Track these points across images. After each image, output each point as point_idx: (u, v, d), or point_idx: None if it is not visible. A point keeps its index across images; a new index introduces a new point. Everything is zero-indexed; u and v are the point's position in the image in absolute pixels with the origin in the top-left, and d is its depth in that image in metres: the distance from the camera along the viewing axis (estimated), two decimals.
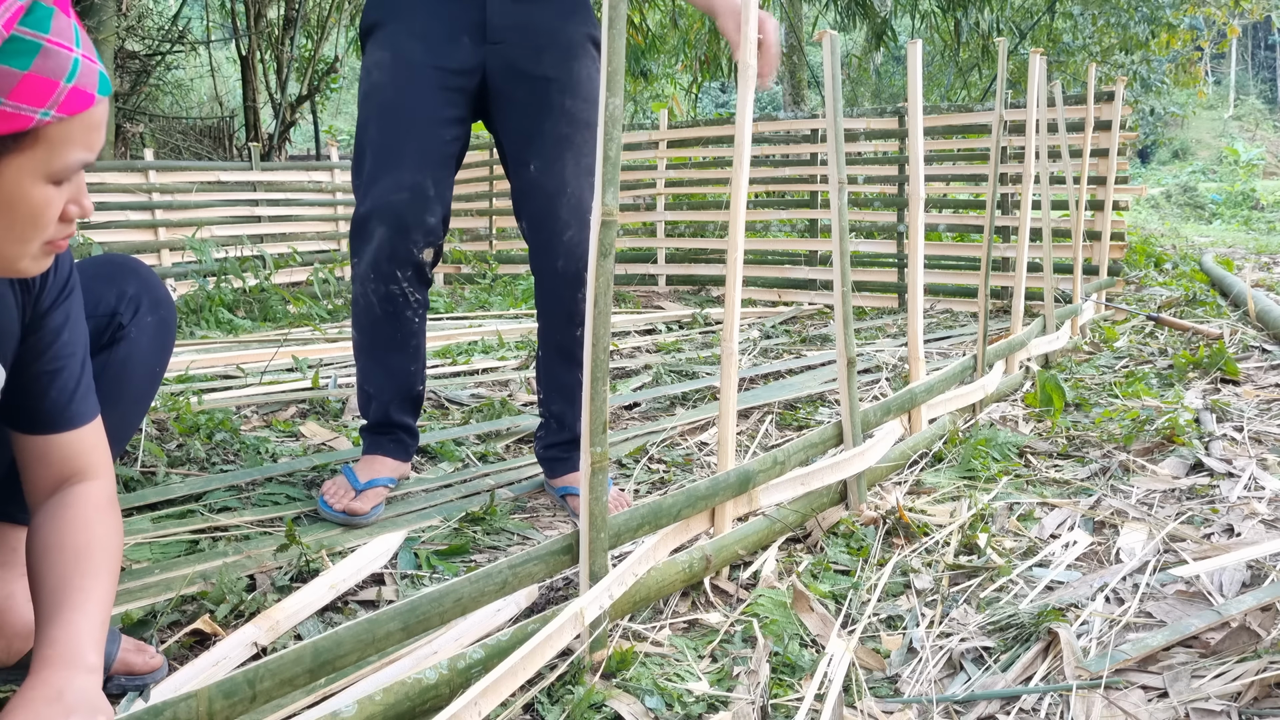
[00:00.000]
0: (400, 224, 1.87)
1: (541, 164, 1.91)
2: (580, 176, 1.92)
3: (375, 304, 1.95)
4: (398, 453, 2.09)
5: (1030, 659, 1.39)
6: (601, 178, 1.28)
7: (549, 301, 2.00)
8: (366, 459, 2.06)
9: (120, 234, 5.36)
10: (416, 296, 1.97)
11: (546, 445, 2.13)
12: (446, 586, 1.26)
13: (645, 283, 6.10)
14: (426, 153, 1.88)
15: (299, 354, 3.52)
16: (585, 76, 1.92)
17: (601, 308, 1.30)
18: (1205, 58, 18.32)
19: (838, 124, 1.92)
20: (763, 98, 22.08)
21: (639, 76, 9.81)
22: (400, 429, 2.09)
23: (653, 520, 1.52)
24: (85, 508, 1.14)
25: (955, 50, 10.06)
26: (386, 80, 1.90)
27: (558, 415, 2.08)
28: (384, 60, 1.91)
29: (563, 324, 1.99)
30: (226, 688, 1.04)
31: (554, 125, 1.90)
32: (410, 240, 1.89)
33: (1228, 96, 30.71)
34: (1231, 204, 16.49)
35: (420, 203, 1.88)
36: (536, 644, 1.26)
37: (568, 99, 1.89)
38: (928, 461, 2.35)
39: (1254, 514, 1.93)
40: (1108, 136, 4.78)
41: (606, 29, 1.26)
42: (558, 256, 1.92)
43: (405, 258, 1.90)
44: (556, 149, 1.90)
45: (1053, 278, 3.49)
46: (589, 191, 1.90)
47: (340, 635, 1.14)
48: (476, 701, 1.16)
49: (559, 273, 1.94)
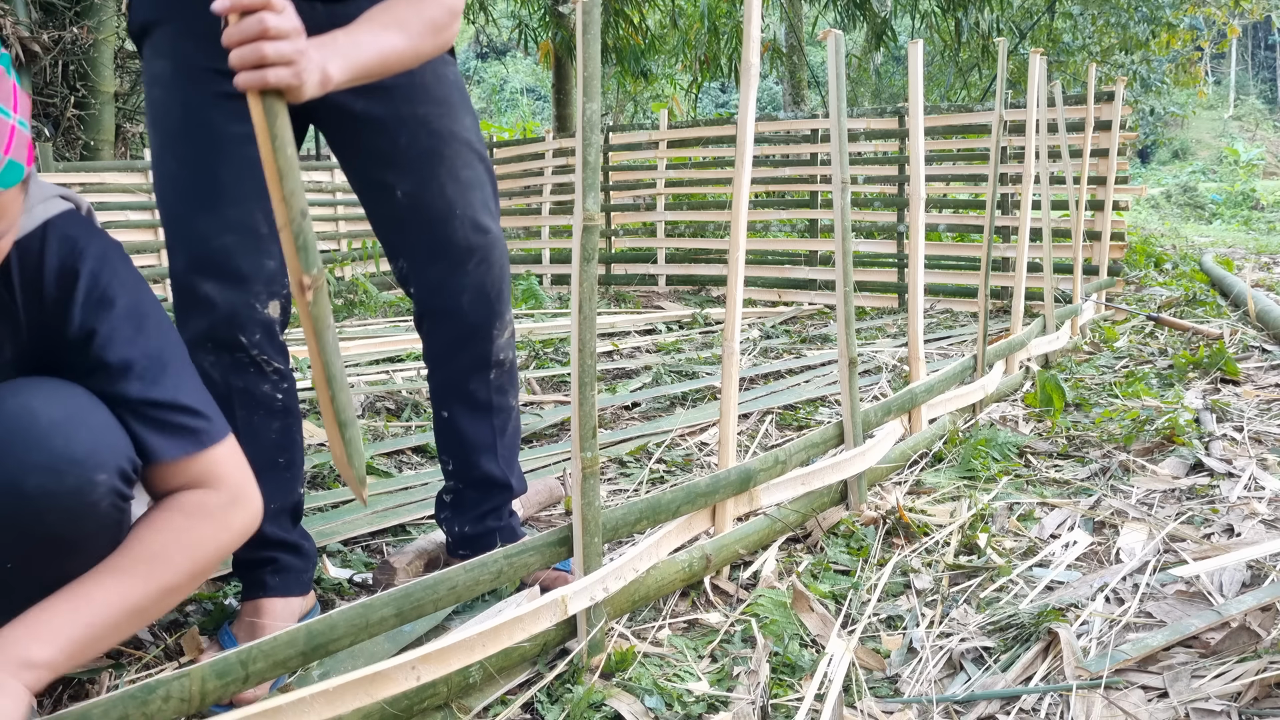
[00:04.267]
0: (233, 276, 1.43)
1: (411, 187, 1.54)
2: (466, 193, 1.56)
3: (219, 382, 1.45)
4: (289, 587, 1.55)
5: (1030, 659, 1.39)
6: (582, 182, 1.28)
7: (455, 348, 1.61)
8: (248, 610, 1.53)
9: (120, 234, 5.35)
10: (273, 366, 1.50)
11: (478, 516, 1.69)
12: (440, 574, 1.26)
13: (645, 283, 6.10)
14: (243, 179, 1.43)
15: (298, 354, 3.51)
16: (433, 78, 1.54)
17: (586, 313, 1.30)
18: (1205, 58, 18.34)
19: (841, 124, 1.92)
20: (763, 98, 22.10)
21: (639, 76, 9.81)
22: (280, 549, 1.54)
23: (651, 515, 1.52)
24: (162, 511, 1.11)
25: (955, 50, 10.06)
26: (173, 98, 1.46)
27: (482, 479, 1.67)
28: (164, 73, 1.47)
29: (475, 370, 1.62)
30: (219, 667, 1.04)
31: (411, 139, 1.53)
32: (250, 294, 1.44)
33: (1228, 96, 30.72)
34: (1231, 204, 16.50)
35: (252, 244, 1.44)
36: (503, 622, 1.26)
37: (418, 107, 1.53)
38: (928, 461, 2.35)
39: (1254, 514, 1.93)
40: (1108, 136, 4.78)
41: (581, 35, 1.27)
42: (462, 292, 1.57)
43: (247, 318, 1.45)
44: (425, 167, 1.54)
45: (1053, 278, 3.50)
46: (482, 209, 1.57)
47: (334, 619, 1.14)
48: (415, 665, 1.15)
49: (467, 311, 1.58)
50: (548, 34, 9.29)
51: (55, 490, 1.03)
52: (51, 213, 1.12)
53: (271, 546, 1.52)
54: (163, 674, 1.01)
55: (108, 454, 1.06)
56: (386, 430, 2.75)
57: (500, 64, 29.42)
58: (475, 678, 1.28)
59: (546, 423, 2.82)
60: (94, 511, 1.05)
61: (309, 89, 1.10)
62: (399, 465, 2.46)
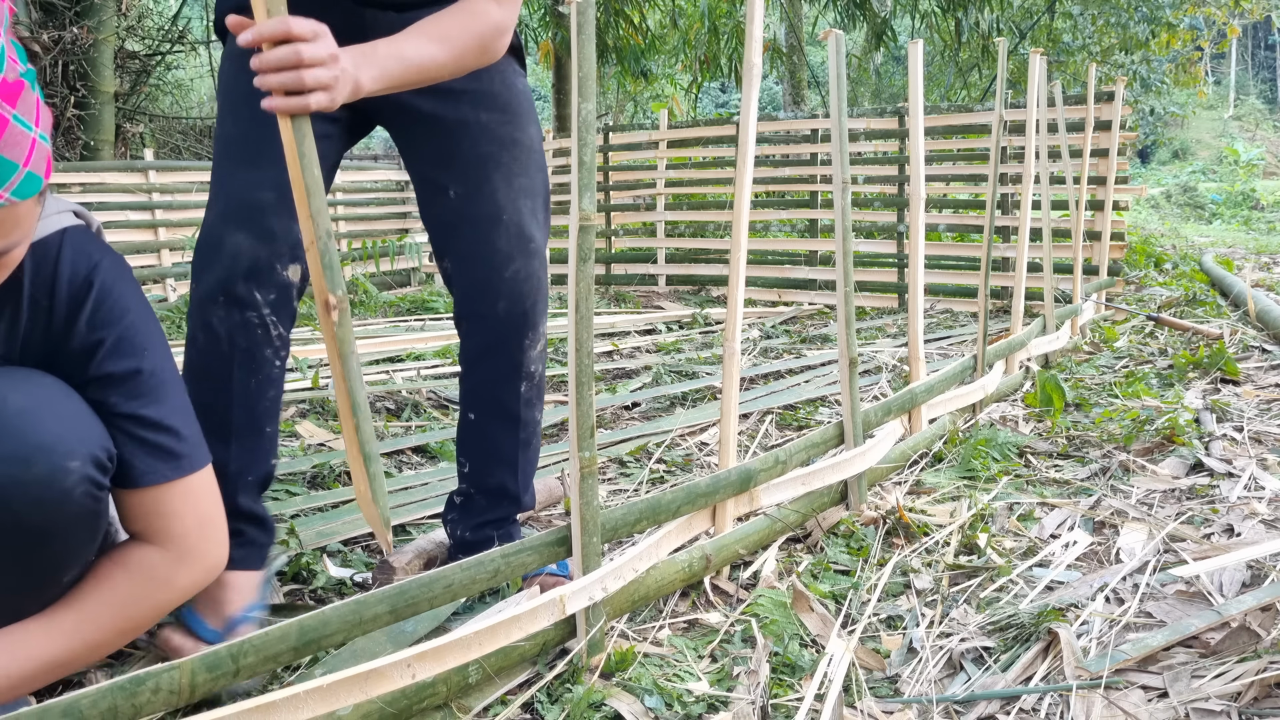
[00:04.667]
0: (263, 230, 1.43)
1: (464, 189, 1.57)
2: (516, 199, 1.58)
3: (224, 339, 1.44)
4: (251, 560, 1.52)
5: (1030, 659, 1.39)
6: (578, 182, 1.29)
7: (488, 354, 1.62)
8: (212, 585, 1.43)
9: (120, 234, 5.36)
10: (279, 332, 1.48)
11: (481, 524, 1.70)
12: (438, 572, 1.26)
13: (645, 283, 6.10)
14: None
15: (299, 354, 3.51)
16: (501, 86, 1.59)
17: (584, 312, 1.31)
18: (1205, 58, 18.33)
19: (842, 123, 1.92)
20: (763, 98, 22.08)
21: (639, 76, 9.80)
22: (249, 521, 1.52)
23: (651, 515, 1.52)
24: (106, 564, 1.12)
25: (955, 50, 10.06)
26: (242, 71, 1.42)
27: (495, 488, 1.68)
28: (236, 50, 1.51)
29: (505, 379, 1.63)
30: (209, 660, 1.04)
31: (472, 144, 1.57)
32: (275, 252, 1.44)
33: (1228, 96, 30.72)
34: (1231, 204, 16.50)
35: (287, 206, 1.41)
36: (500, 620, 1.26)
37: (483, 113, 1.57)
38: (928, 461, 2.35)
39: (1254, 514, 1.93)
40: (1108, 136, 4.78)
41: (575, 34, 1.27)
42: (499, 298, 1.58)
43: (268, 276, 1.44)
44: (480, 170, 1.57)
45: (1053, 278, 3.50)
46: (530, 217, 1.59)
47: (327, 615, 1.14)
48: (410, 663, 1.15)
49: (501, 318, 1.59)
50: (548, 34, 9.29)
51: (23, 479, 1.02)
52: (66, 224, 1.14)
53: (242, 519, 1.50)
54: (152, 666, 1.01)
55: (77, 442, 1.05)
56: (386, 430, 2.75)
57: None
58: (474, 677, 1.28)
59: (547, 423, 2.82)
60: (67, 500, 1.05)
61: (337, 103, 1.15)
62: (399, 465, 2.46)
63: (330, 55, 1.12)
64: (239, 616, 1.46)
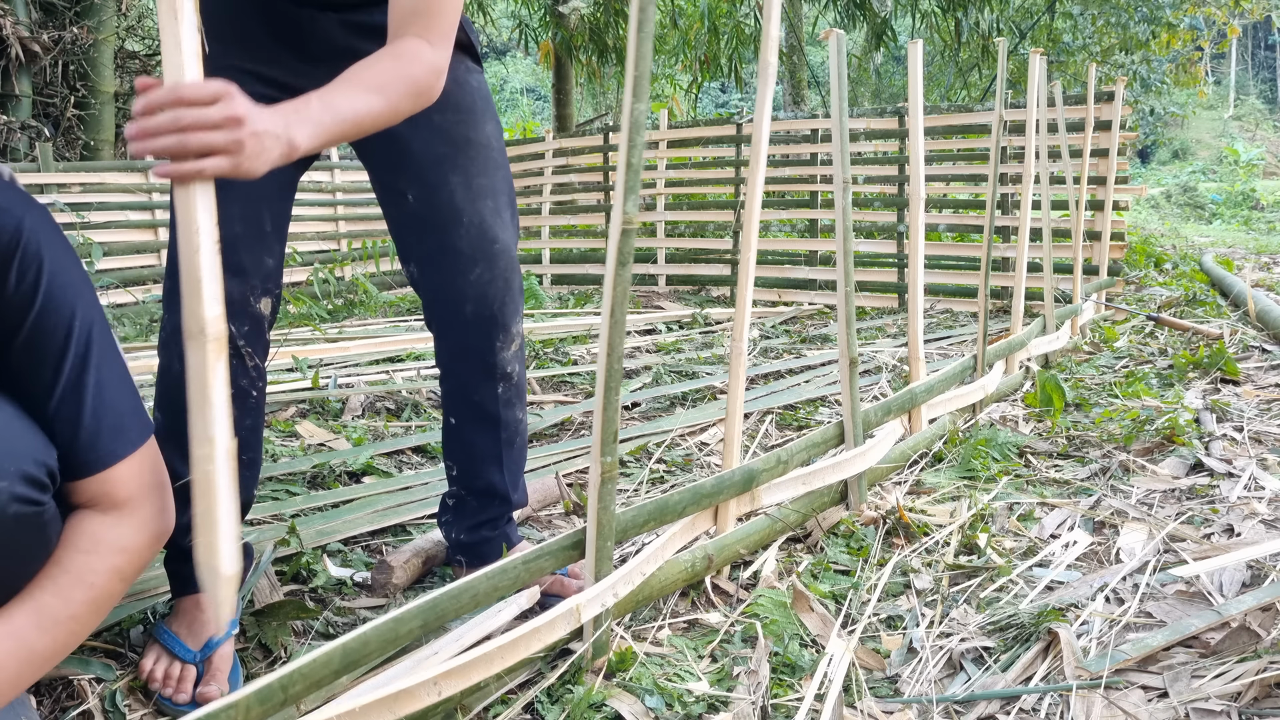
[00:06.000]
0: (233, 264, 1.42)
1: (422, 192, 1.55)
2: (476, 200, 1.55)
3: None
4: None
5: (1030, 659, 1.40)
6: (624, 184, 1.25)
7: (460, 358, 1.61)
8: (188, 605, 1.49)
9: (120, 234, 5.35)
10: (254, 363, 1.49)
11: (475, 525, 1.69)
12: (464, 583, 1.27)
13: (645, 283, 6.10)
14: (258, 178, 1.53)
15: (299, 354, 3.51)
16: (453, 85, 1.52)
17: (618, 317, 1.28)
18: (1205, 58, 18.33)
19: (843, 123, 1.92)
20: None
21: None
22: None
23: (658, 516, 1.52)
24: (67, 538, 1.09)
25: (955, 50, 10.06)
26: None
27: (484, 489, 1.68)
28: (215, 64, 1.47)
29: (479, 380, 1.61)
30: (262, 694, 1.05)
31: (426, 146, 1.54)
32: (246, 284, 1.45)
33: (1228, 96, 30.71)
34: (1231, 204, 16.49)
35: (256, 238, 1.46)
36: (521, 634, 1.27)
37: (435, 114, 1.50)
38: (928, 461, 2.35)
39: (1254, 514, 1.93)
40: (1108, 136, 4.78)
41: (635, 32, 1.23)
42: (465, 301, 1.55)
43: (240, 309, 1.44)
44: (437, 172, 1.54)
45: (1053, 278, 3.50)
46: (492, 217, 1.56)
47: (367, 635, 1.16)
48: (437, 681, 1.16)
49: (470, 321, 1.56)
50: (548, 34, 9.29)
51: None
52: None
53: None
54: (211, 705, 1.01)
55: (6, 458, 1.01)
56: (386, 430, 2.75)
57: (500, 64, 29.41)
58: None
59: (547, 423, 2.82)
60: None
61: (263, 166, 1.08)
62: (399, 465, 2.46)
63: (227, 118, 1.03)
64: (217, 640, 1.44)
